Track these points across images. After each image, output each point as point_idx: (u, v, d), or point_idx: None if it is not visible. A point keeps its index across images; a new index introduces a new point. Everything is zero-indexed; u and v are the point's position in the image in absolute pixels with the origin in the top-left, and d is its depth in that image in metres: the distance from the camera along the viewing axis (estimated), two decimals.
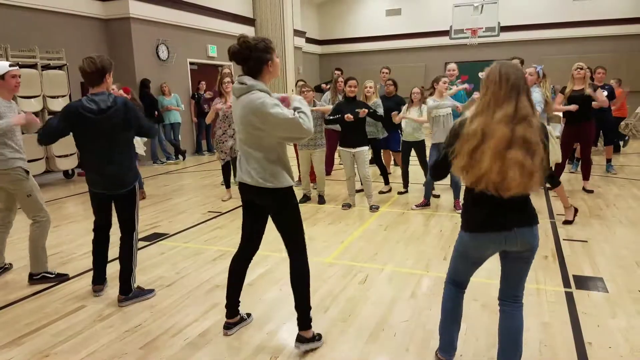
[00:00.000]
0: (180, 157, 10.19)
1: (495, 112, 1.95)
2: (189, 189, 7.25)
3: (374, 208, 5.65)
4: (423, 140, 6.09)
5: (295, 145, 6.34)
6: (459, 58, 14.92)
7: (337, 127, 6.27)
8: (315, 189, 6.24)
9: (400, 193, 6.41)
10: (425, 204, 5.65)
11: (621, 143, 9.35)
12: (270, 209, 2.60)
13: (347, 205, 5.79)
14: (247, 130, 2.45)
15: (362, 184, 5.77)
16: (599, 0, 14.10)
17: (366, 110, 5.38)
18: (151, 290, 3.45)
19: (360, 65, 15.20)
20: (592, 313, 2.98)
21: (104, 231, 3.44)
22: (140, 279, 3.66)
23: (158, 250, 4.41)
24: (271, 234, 2.79)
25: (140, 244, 4.59)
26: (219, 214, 5.67)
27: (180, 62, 10.67)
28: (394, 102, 6.49)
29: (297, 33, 13.81)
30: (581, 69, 5.86)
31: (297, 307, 2.64)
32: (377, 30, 16.75)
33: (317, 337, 2.70)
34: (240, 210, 2.84)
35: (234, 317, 2.86)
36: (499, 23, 11.89)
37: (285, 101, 2.48)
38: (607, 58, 11.70)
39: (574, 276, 3.55)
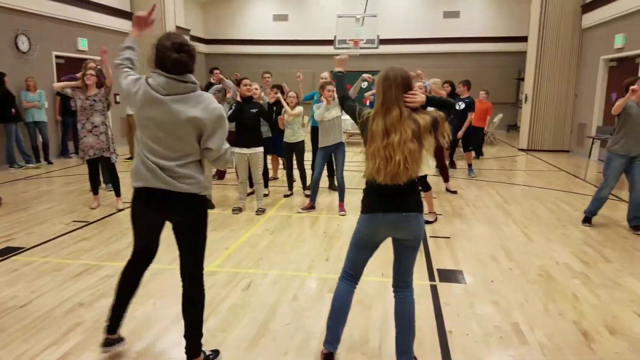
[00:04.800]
0: (42, 160, 9.18)
1: (391, 112, 2.20)
2: (51, 196, 6.50)
3: (260, 211, 5.62)
4: (302, 142, 6.23)
5: None
6: (345, 67, 15.56)
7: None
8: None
9: (286, 196, 6.45)
10: (311, 206, 5.77)
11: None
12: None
13: (238, 209, 5.68)
14: (180, 133, 2.21)
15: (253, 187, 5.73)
16: (466, 19, 15.77)
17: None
18: None
19: (248, 67, 15.04)
20: (452, 303, 3.28)
21: None
22: None
23: (11, 267, 3.88)
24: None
25: None
26: (85, 223, 5.16)
27: (45, 55, 9.56)
28: (282, 107, 6.50)
29: (180, 30, 13.23)
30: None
31: (187, 336, 2.42)
32: (265, 34, 16.79)
33: (212, 356, 2.53)
34: (111, 219, 2.60)
35: (114, 333, 2.53)
36: (378, 36, 12.61)
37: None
38: (472, 72, 13.06)
39: (438, 270, 3.88)
